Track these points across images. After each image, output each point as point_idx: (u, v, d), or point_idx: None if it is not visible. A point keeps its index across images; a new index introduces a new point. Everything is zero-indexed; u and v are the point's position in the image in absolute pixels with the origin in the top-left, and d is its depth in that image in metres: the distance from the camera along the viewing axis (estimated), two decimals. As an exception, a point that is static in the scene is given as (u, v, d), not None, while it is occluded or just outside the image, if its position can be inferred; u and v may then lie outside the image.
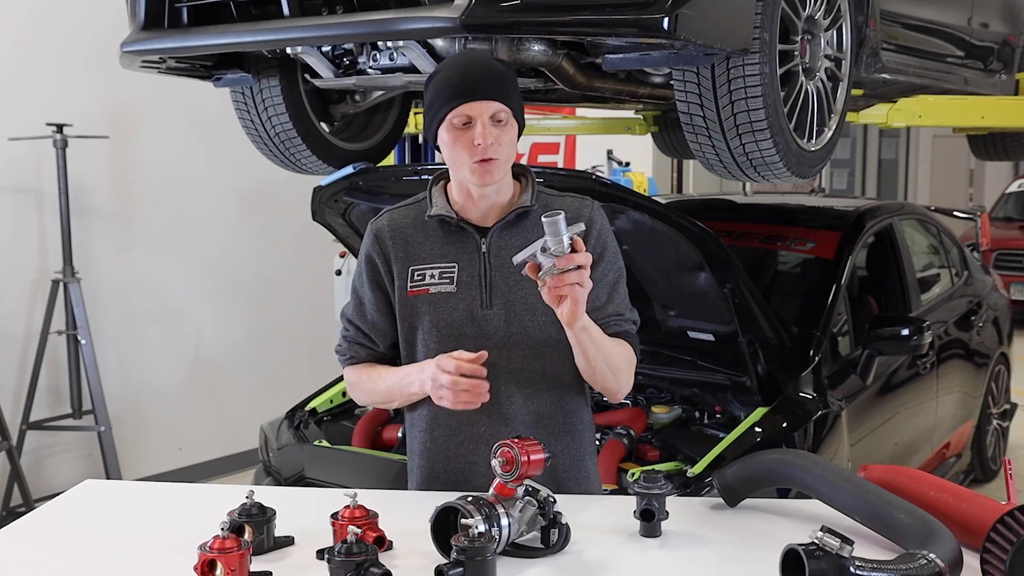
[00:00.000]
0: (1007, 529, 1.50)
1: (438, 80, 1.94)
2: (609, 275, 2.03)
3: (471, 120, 1.89)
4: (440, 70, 1.97)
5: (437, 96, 1.93)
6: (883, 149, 15.58)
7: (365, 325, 2.08)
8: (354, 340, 2.10)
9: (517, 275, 1.94)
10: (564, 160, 7.76)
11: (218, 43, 2.82)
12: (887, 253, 4.12)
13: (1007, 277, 7.95)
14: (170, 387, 5.39)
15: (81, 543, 1.81)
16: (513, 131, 1.95)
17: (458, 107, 1.89)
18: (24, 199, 4.77)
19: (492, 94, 1.90)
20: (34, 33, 4.71)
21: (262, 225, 5.75)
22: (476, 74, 1.92)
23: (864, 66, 3.13)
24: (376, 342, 2.09)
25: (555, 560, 1.66)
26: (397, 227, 2.04)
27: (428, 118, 1.97)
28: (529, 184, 2.04)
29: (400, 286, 2.02)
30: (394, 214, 2.08)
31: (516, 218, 2.00)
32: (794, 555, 1.44)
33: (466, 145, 1.90)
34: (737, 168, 2.79)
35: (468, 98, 1.89)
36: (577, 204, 2.05)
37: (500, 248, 1.99)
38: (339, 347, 2.14)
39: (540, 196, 2.03)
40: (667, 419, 3.12)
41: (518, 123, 1.96)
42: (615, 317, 2.02)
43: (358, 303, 2.09)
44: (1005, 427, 5.28)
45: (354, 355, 2.11)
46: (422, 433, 2.05)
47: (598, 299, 2.00)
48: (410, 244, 2.02)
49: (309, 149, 3.39)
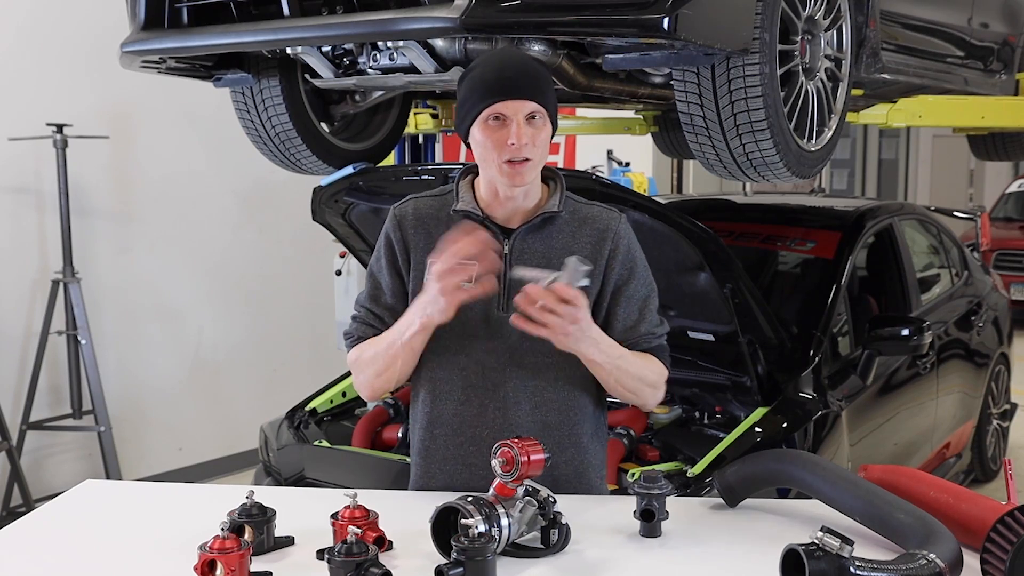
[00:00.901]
0: (1007, 529, 1.50)
1: (473, 76, 1.91)
2: (640, 292, 2.01)
3: (506, 119, 1.86)
4: (476, 66, 1.94)
5: (472, 93, 1.89)
6: (883, 149, 15.58)
7: (378, 308, 2.02)
8: (364, 321, 2.04)
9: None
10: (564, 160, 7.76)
11: (218, 43, 2.81)
12: (887, 253, 4.12)
13: (1007, 277, 7.95)
14: (170, 387, 5.39)
15: (81, 543, 1.81)
16: (547, 132, 1.92)
17: (493, 105, 1.86)
18: (24, 199, 4.77)
19: (529, 93, 1.87)
20: (34, 33, 4.71)
21: (262, 225, 5.75)
22: (513, 72, 1.88)
23: (864, 66, 3.13)
24: (387, 324, 2.00)
25: (555, 560, 1.66)
26: (421, 216, 2.01)
27: (461, 114, 1.93)
28: (558, 188, 2.00)
29: (416, 276, 1.98)
30: (419, 202, 2.03)
31: (542, 223, 1.96)
32: (794, 555, 1.44)
33: (499, 144, 1.87)
34: (737, 168, 2.79)
35: (504, 96, 1.85)
36: (605, 216, 2.01)
37: (523, 251, 1.95)
38: (347, 330, 2.07)
39: (568, 202, 2.00)
40: (667, 419, 3.12)
41: (552, 124, 1.93)
42: (647, 336, 2.01)
43: (374, 286, 2.04)
44: (1005, 427, 5.28)
45: (361, 335, 2.03)
46: (422, 431, 2.02)
47: (629, 318, 1.99)
48: (432, 236, 1.97)
49: (309, 149, 3.39)
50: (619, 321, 1.99)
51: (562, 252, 1.95)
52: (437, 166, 3.69)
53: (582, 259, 1.76)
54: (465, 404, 1.96)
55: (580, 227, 1.99)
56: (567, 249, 1.95)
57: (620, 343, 1.97)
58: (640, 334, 2.00)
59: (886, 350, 3.40)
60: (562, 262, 1.85)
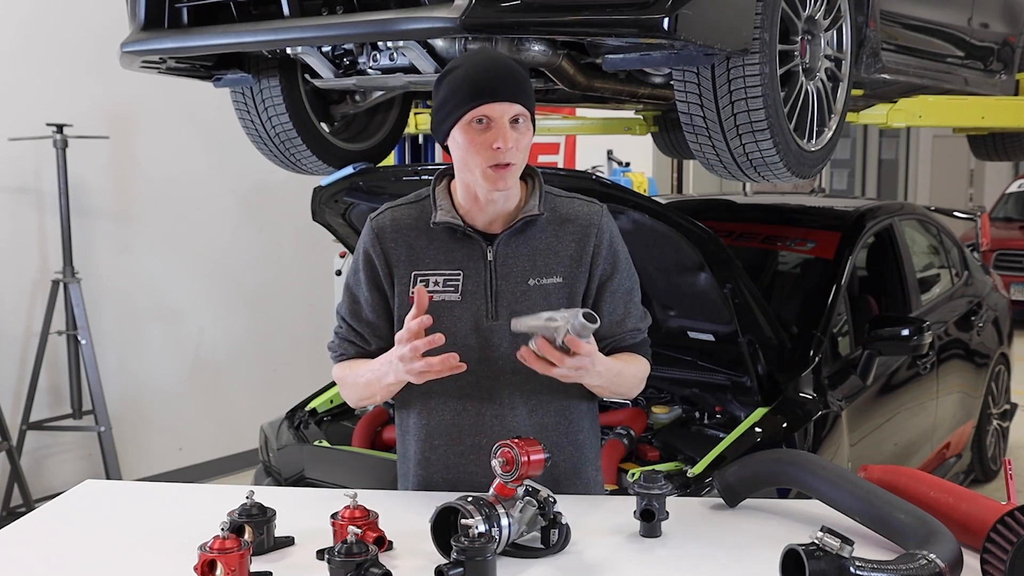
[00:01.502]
0: (1007, 529, 1.50)
1: (455, 77, 1.85)
2: (624, 285, 2.00)
3: (491, 121, 1.82)
4: (457, 67, 1.87)
5: (454, 94, 1.83)
6: (883, 149, 15.58)
7: (358, 324, 2.00)
8: (345, 337, 2.03)
9: (523, 285, 1.92)
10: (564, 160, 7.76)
11: (218, 43, 2.81)
12: (887, 253, 4.12)
13: (1007, 277, 7.95)
14: (170, 387, 5.39)
15: (81, 543, 1.81)
16: (529, 135, 1.88)
17: (478, 107, 1.81)
18: (24, 199, 4.77)
19: (513, 96, 1.82)
20: (34, 33, 4.71)
21: (262, 225, 5.75)
22: (498, 73, 1.84)
23: (864, 66, 3.13)
24: (368, 341, 2.00)
25: (555, 560, 1.66)
26: (400, 227, 1.97)
27: (440, 116, 1.87)
28: (536, 187, 1.97)
29: (401, 291, 1.95)
30: (396, 212, 1.99)
31: (524, 226, 1.93)
32: (794, 555, 1.44)
33: (482, 148, 1.82)
34: (737, 168, 2.79)
35: (489, 99, 1.80)
36: (586, 209, 1.99)
37: (507, 257, 1.93)
38: (331, 343, 2.06)
39: (547, 199, 1.97)
40: (667, 419, 3.12)
41: (532, 127, 1.90)
42: (632, 332, 2.00)
43: (352, 301, 2.02)
44: (1005, 427, 5.28)
45: (343, 352, 2.03)
46: (420, 442, 2.00)
47: (615, 312, 1.98)
48: (413, 247, 1.94)
49: (309, 149, 3.39)
50: (604, 316, 1.96)
51: (546, 253, 1.94)
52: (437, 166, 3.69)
53: (589, 314, 1.72)
54: (462, 414, 1.95)
55: (562, 226, 1.96)
56: (551, 249, 1.94)
57: (606, 338, 1.97)
58: (627, 329, 2.00)
59: (886, 350, 3.40)
60: (547, 267, 1.90)
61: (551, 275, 1.94)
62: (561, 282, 1.94)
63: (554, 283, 1.94)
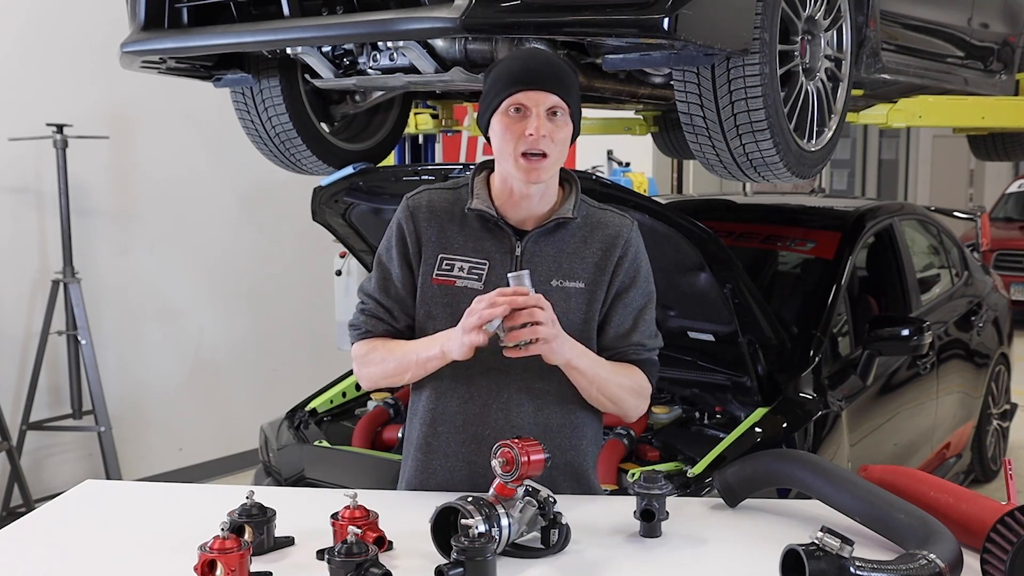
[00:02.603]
0: (1007, 529, 1.50)
1: (498, 68, 1.90)
2: (637, 300, 2.00)
3: (526, 110, 1.84)
4: (503, 59, 1.95)
5: (495, 83, 1.88)
6: (883, 149, 15.58)
7: (387, 299, 2.00)
8: (372, 313, 2.01)
9: (546, 285, 1.92)
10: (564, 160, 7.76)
11: (218, 43, 2.81)
12: (887, 253, 4.12)
13: (1007, 277, 7.94)
14: (170, 387, 5.39)
15: (81, 543, 1.81)
16: (567, 130, 1.89)
17: (515, 94, 1.84)
18: (24, 199, 4.77)
19: (551, 86, 1.84)
20: (34, 33, 4.71)
21: (262, 225, 5.75)
22: (537, 64, 1.87)
23: (864, 66, 3.13)
24: (396, 318, 2.00)
25: (555, 560, 1.66)
26: (435, 209, 1.98)
27: (483, 107, 1.91)
28: (573, 192, 1.98)
29: (426, 271, 1.96)
30: (433, 195, 2.01)
31: (555, 227, 1.95)
32: (794, 555, 1.44)
33: (516, 135, 1.84)
34: (737, 168, 2.79)
35: (526, 86, 1.83)
36: (617, 221, 2.00)
37: (534, 254, 1.94)
38: (353, 321, 2.04)
39: (581, 206, 1.98)
40: (667, 419, 3.12)
41: (574, 125, 1.91)
42: (636, 347, 2.00)
43: (383, 276, 2.01)
44: (1005, 427, 5.28)
45: (370, 329, 2.01)
46: (425, 426, 2.00)
47: (622, 325, 1.98)
48: (444, 231, 1.96)
49: (309, 149, 3.39)
50: (612, 327, 1.98)
51: (572, 257, 1.95)
52: (437, 166, 3.69)
53: (516, 273, 1.78)
54: (469, 402, 1.96)
55: (592, 232, 1.98)
56: (577, 254, 1.96)
57: (609, 349, 1.97)
58: (631, 343, 1.99)
59: (886, 350, 3.40)
60: (572, 271, 1.91)
61: (574, 279, 1.95)
62: (583, 288, 1.95)
63: (576, 287, 1.95)
